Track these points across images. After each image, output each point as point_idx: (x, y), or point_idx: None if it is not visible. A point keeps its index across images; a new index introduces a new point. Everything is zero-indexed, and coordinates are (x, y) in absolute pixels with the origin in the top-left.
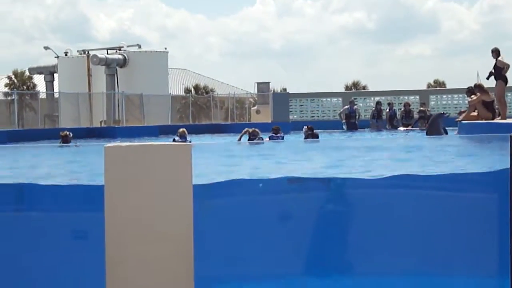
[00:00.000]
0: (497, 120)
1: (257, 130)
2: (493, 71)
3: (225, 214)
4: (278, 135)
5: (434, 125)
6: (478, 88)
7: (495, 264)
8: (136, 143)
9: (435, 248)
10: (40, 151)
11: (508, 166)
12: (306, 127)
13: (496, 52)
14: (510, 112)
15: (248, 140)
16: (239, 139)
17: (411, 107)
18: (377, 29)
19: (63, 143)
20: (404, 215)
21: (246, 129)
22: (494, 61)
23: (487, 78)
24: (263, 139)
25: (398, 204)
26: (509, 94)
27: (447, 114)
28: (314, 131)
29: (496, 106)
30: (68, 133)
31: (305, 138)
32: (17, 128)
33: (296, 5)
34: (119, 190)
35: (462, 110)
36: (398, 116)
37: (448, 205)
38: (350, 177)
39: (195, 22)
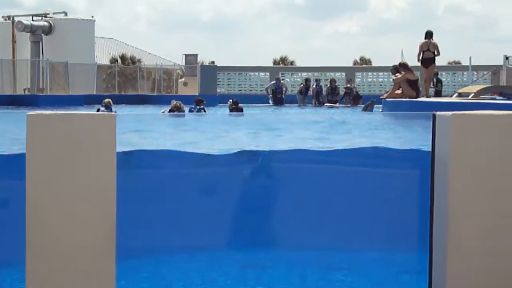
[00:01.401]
0: (422, 99)
1: (179, 103)
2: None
3: (150, 184)
4: (199, 106)
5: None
6: (403, 66)
7: (415, 238)
8: (60, 111)
9: (355, 224)
10: None
11: (431, 142)
12: (231, 100)
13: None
14: (445, 91)
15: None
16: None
17: (337, 84)
18: (307, 4)
19: None
20: (325, 190)
21: (174, 102)
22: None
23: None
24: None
25: (320, 179)
26: (443, 73)
27: (374, 102)
28: (239, 105)
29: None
30: None
31: (229, 112)
32: None
33: None
34: (41, 159)
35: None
36: (324, 92)
37: (369, 181)
38: (275, 150)
39: None
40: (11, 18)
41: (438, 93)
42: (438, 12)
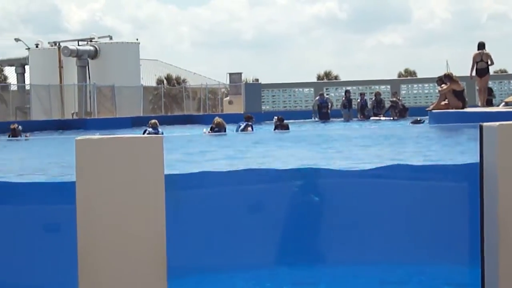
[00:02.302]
0: (469, 109)
1: (220, 119)
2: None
3: (197, 205)
4: (247, 123)
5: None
6: (448, 77)
7: (466, 253)
8: (108, 135)
9: (407, 238)
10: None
11: (478, 154)
12: (276, 117)
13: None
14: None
15: (211, 130)
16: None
17: (382, 97)
18: (349, 18)
19: (12, 136)
20: (377, 205)
21: (215, 119)
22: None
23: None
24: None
25: (371, 194)
26: (489, 82)
27: (423, 121)
28: (285, 121)
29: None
30: (16, 126)
31: (274, 129)
32: None
33: None
34: (90, 183)
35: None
36: (369, 106)
37: (421, 195)
38: (324, 168)
39: (166, 13)
40: (57, 44)
41: (489, 102)
42: (481, 21)
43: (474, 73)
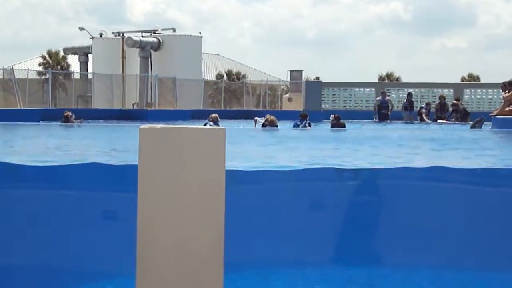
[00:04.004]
0: None
1: (272, 117)
2: None
3: (256, 200)
4: (304, 121)
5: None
6: None
7: None
8: (170, 125)
9: (467, 243)
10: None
11: None
12: (333, 116)
13: None
14: None
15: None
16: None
17: (446, 100)
18: (413, 20)
19: (65, 122)
20: (436, 208)
21: (267, 116)
22: None
23: None
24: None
25: (429, 197)
26: None
27: (483, 119)
28: (341, 120)
29: None
30: (70, 113)
31: (331, 127)
32: (49, 107)
33: None
34: (152, 172)
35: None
36: (433, 109)
37: (480, 200)
38: (381, 168)
39: (229, 7)
40: (121, 34)
41: None
42: None
43: None
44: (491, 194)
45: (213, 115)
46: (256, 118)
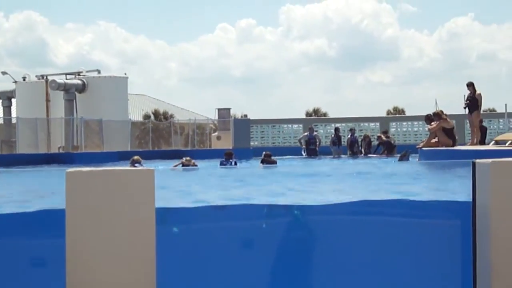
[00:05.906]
0: (460, 147)
1: (188, 159)
2: (468, 102)
3: (186, 240)
4: (230, 160)
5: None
6: (437, 116)
7: None
8: (98, 168)
9: (398, 275)
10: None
11: (471, 191)
12: (264, 152)
13: (472, 86)
14: (490, 136)
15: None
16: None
17: (371, 139)
18: (338, 56)
19: None
20: (365, 241)
21: (184, 158)
22: (466, 92)
23: (464, 109)
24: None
25: (359, 231)
26: (486, 121)
27: (409, 152)
28: (272, 157)
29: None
30: None
31: (262, 164)
32: None
33: (256, 32)
34: (80, 216)
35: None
36: (359, 145)
37: (410, 232)
38: (312, 204)
39: (155, 48)
40: (45, 77)
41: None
42: (470, 60)
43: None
44: (415, 225)
45: (135, 157)
46: (175, 164)
